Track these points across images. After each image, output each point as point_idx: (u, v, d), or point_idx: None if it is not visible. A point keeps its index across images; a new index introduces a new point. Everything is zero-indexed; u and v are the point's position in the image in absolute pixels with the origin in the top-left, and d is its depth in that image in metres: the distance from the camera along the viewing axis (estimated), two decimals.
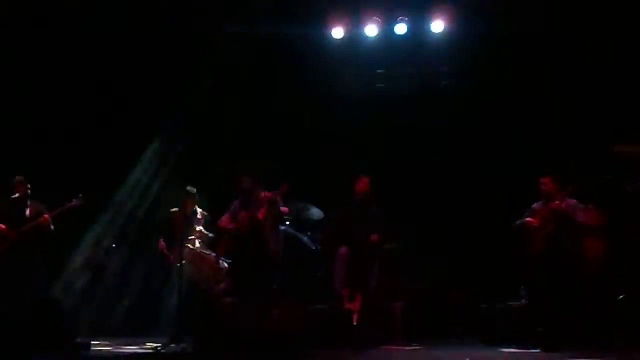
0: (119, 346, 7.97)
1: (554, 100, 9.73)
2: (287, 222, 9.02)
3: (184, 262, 8.03)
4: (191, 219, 8.79)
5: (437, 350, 7.76)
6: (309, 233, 9.31)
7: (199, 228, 8.82)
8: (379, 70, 10.71)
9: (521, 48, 9.89)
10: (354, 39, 10.21)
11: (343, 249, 8.58)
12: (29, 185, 8.75)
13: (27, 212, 8.74)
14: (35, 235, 8.59)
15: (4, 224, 8.59)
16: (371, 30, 10.03)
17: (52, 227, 8.65)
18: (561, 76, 9.73)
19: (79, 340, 7.32)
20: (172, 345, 7.51)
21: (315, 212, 9.11)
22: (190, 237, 8.67)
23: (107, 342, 8.22)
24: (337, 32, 10.14)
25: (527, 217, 8.19)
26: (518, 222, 8.23)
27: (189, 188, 8.79)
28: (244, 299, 7.94)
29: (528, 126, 9.78)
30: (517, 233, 8.18)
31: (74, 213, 8.77)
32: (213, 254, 8.65)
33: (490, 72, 10.10)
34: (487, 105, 10.09)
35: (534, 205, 8.25)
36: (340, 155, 10.29)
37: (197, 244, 8.73)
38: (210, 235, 8.85)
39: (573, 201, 7.99)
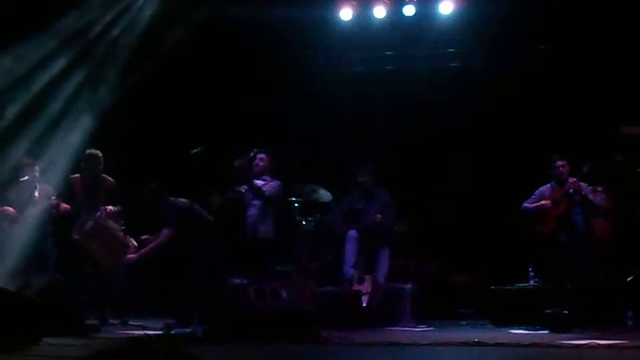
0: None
1: (563, 81, 9.69)
2: (297, 205, 9.00)
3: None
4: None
5: (446, 332, 7.75)
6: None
7: None
8: (387, 52, 10.64)
9: (531, 29, 9.82)
10: (362, 21, 10.14)
11: (352, 232, 8.72)
12: (37, 167, 8.69)
13: (37, 194, 8.68)
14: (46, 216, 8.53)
15: (13, 207, 8.56)
16: (379, 11, 9.97)
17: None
18: (570, 58, 9.68)
19: (89, 321, 7.29)
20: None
21: (324, 194, 9.09)
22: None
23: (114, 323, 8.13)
24: (346, 14, 10.08)
25: (537, 200, 8.17)
26: (528, 205, 8.20)
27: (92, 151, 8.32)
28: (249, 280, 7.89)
29: (537, 108, 9.74)
30: (529, 215, 8.17)
31: None
32: (120, 227, 8.19)
33: (498, 53, 10.05)
34: (496, 88, 10.05)
35: (542, 188, 8.24)
36: (349, 137, 10.28)
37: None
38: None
39: (584, 184, 7.99)
